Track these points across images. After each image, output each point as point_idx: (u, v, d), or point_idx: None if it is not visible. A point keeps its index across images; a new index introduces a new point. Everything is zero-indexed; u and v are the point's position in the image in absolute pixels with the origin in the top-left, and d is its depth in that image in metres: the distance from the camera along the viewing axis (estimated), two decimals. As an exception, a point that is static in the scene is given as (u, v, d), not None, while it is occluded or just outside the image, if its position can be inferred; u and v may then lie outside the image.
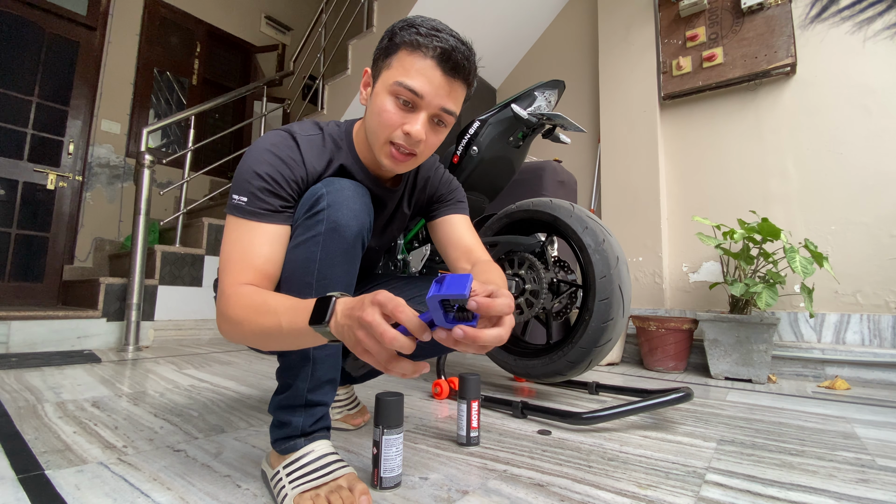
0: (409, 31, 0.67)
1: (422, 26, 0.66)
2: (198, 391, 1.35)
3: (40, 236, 3.08)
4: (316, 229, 0.64)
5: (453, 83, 0.68)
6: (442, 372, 1.36)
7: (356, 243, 0.67)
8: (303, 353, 0.67)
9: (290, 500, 0.61)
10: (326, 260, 0.65)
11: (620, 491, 0.70)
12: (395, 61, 0.67)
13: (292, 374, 0.67)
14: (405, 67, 0.66)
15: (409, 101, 0.67)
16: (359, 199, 0.68)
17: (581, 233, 1.19)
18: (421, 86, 0.65)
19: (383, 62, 0.69)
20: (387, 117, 0.67)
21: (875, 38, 1.87)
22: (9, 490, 0.66)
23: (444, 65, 0.66)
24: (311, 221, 0.65)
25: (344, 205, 0.65)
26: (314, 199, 0.66)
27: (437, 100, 0.67)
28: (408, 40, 0.66)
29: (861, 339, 1.80)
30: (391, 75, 0.67)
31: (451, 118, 0.70)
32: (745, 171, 2.14)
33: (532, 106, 1.27)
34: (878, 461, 0.86)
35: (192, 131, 2.87)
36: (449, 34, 0.67)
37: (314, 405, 0.69)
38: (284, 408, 0.68)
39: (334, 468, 0.65)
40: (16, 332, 1.99)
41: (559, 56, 2.97)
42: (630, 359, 2.13)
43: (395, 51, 0.68)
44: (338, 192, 0.66)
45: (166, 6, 3.81)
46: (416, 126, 0.67)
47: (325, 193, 0.66)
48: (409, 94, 0.66)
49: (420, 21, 0.67)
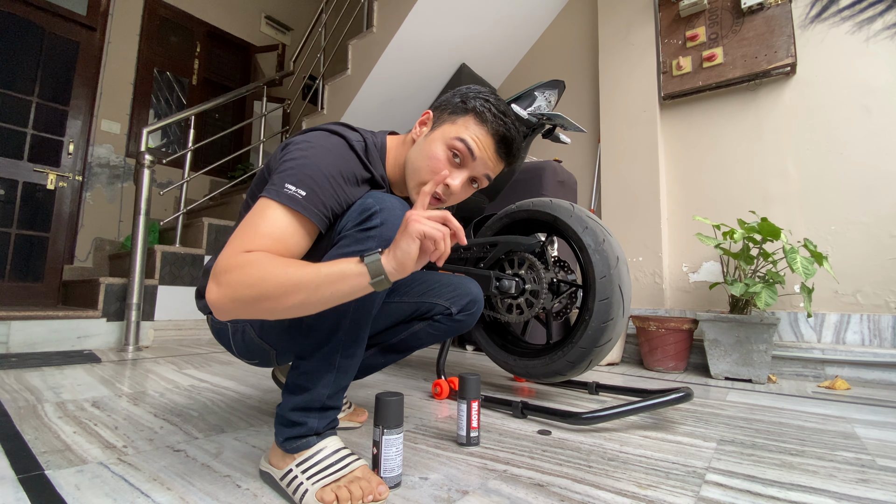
0: (482, 104, 0.76)
1: (495, 106, 0.77)
2: (198, 391, 1.35)
3: (40, 236, 3.08)
4: (367, 244, 0.65)
5: (499, 161, 0.79)
6: (442, 372, 1.36)
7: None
8: (327, 360, 0.68)
9: (311, 495, 0.62)
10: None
11: (620, 491, 0.70)
12: (461, 121, 0.76)
13: (313, 379, 0.68)
14: (469, 129, 0.75)
15: (461, 158, 0.74)
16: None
17: (581, 233, 1.19)
18: (477, 151, 0.75)
19: (449, 116, 0.77)
20: (435, 163, 0.74)
21: (875, 38, 1.87)
22: (9, 490, 0.66)
23: (500, 146, 0.77)
24: (363, 235, 0.65)
25: (395, 224, 0.66)
26: (368, 214, 0.66)
27: (483, 167, 0.76)
28: (479, 111, 0.76)
29: (861, 339, 1.80)
30: (454, 130, 0.75)
31: (486, 182, 0.79)
32: (745, 170, 2.14)
33: (532, 106, 1.27)
34: (878, 461, 0.86)
35: (192, 131, 2.87)
36: (512, 123, 0.77)
37: (330, 409, 0.70)
38: (300, 409, 0.68)
39: (349, 461, 0.67)
40: (16, 332, 1.99)
41: (559, 56, 2.97)
42: (630, 359, 2.13)
43: (464, 113, 0.76)
44: (390, 210, 0.67)
45: (166, 6, 3.81)
46: (456, 181, 0.74)
47: (378, 210, 0.66)
48: (465, 151, 0.74)
49: (494, 100, 0.78)
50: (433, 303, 0.94)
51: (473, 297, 0.96)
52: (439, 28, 2.57)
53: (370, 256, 0.56)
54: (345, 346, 0.68)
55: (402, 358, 1.22)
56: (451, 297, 0.94)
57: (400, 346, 0.96)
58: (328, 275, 0.55)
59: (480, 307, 0.98)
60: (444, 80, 2.88)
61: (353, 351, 0.69)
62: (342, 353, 0.68)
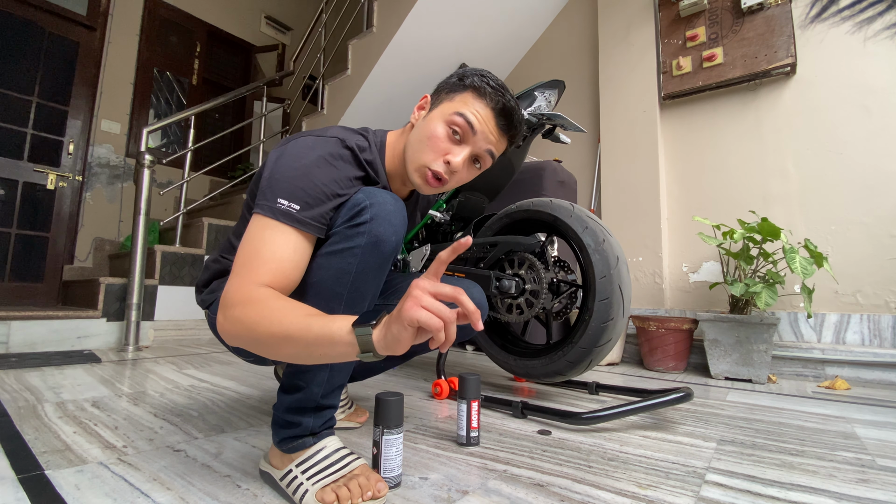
0: (479, 79, 0.75)
1: (492, 80, 0.75)
2: (198, 391, 1.35)
3: (40, 236, 3.08)
4: (356, 241, 0.63)
5: (501, 136, 0.76)
6: (442, 372, 1.36)
7: (391, 257, 0.67)
8: None
9: (311, 495, 0.62)
10: (362, 273, 0.64)
11: (620, 491, 0.70)
12: (458, 97, 0.74)
13: (306, 378, 0.67)
14: (468, 105, 0.73)
15: (461, 134, 0.72)
16: (398, 213, 0.67)
17: (581, 233, 1.19)
18: (477, 124, 0.72)
19: (447, 95, 0.76)
20: (434, 142, 0.72)
21: (875, 38, 1.87)
22: (9, 490, 0.66)
23: (500, 118, 0.74)
24: (352, 232, 0.64)
25: (386, 220, 0.64)
26: (357, 210, 0.64)
27: (484, 142, 0.74)
28: (477, 85, 0.74)
29: (861, 339, 1.80)
30: (452, 107, 0.73)
31: (489, 161, 0.77)
32: (745, 170, 2.14)
33: (532, 106, 1.27)
34: (878, 461, 0.86)
35: (192, 131, 2.87)
36: (511, 96, 0.76)
37: (325, 408, 0.70)
38: (294, 409, 0.68)
39: (349, 461, 0.67)
40: (16, 332, 1.99)
41: (559, 56, 2.97)
42: (630, 359, 2.13)
43: (462, 90, 0.75)
44: (380, 205, 0.65)
45: (166, 6, 3.81)
46: (458, 158, 0.72)
47: (368, 206, 0.64)
48: (464, 126, 0.72)
49: (491, 75, 0.76)
50: None
51: (476, 302, 0.93)
52: (439, 28, 2.57)
53: (361, 329, 0.50)
54: None
55: (402, 363, 1.21)
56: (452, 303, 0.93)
57: None
58: (318, 336, 0.52)
59: (484, 312, 0.96)
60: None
61: None
62: None
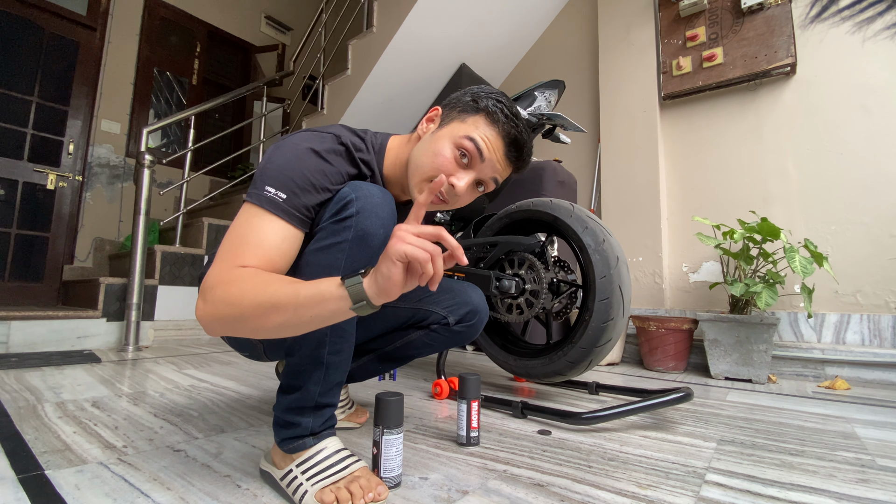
0: (494, 104, 0.74)
1: (506, 108, 0.74)
2: (198, 391, 1.35)
3: (40, 236, 3.08)
4: (343, 235, 0.63)
5: (508, 165, 0.76)
6: (442, 372, 1.36)
7: (379, 251, 0.66)
8: (315, 358, 0.66)
9: (310, 496, 0.62)
10: (349, 268, 0.64)
11: (620, 491, 0.70)
12: (471, 120, 0.73)
13: (303, 377, 0.67)
14: (479, 129, 0.72)
15: (469, 158, 0.71)
16: (386, 206, 0.67)
17: (581, 233, 1.19)
18: (486, 152, 0.72)
19: (458, 115, 0.75)
20: (441, 161, 0.71)
21: (875, 38, 1.87)
22: (9, 490, 0.66)
23: (510, 148, 0.74)
24: (339, 227, 0.63)
25: (372, 213, 0.64)
26: (343, 204, 0.64)
27: (490, 169, 0.73)
28: (491, 111, 0.73)
29: (861, 339, 1.80)
30: (463, 129, 0.72)
31: (492, 186, 0.76)
32: (745, 170, 2.14)
33: (532, 106, 1.27)
34: (878, 461, 0.86)
35: (192, 131, 2.87)
36: (523, 127, 0.75)
37: (324, 407, 0.69)
38: (293, 409, 0.68)
39: (349, 462, 0.67)
40: (16, 332, 1.99)
41: (559, 56, 2.97)
42: (630, 359, 2.13)
43: (474, 112, 0.74)
44: (367, 198, 0.64)
45: (166, 6, 3.81)
46: (462, 182, 0.71)
47: (354, 199, 0.64)
48: (474, 151, 0.71)
49: (506, 101, 0.75)
50: (429, 310, 0.90)
51: (474, 306, 0.92)
52: (439, 28, 2.57)
53: (351, 279, 0.51)
54: (331, 341, 0.67)
55: (401, 366, 1.21)
56: (449, 306, 0.91)
57: (396, 355, 0.94)
58: (308, 297, 0.52)
59: (482, 318, 0.94)
60: (444, 80, 2.88)
61: (340, 346, 0.68)
62: (329, 348, 0.67)
